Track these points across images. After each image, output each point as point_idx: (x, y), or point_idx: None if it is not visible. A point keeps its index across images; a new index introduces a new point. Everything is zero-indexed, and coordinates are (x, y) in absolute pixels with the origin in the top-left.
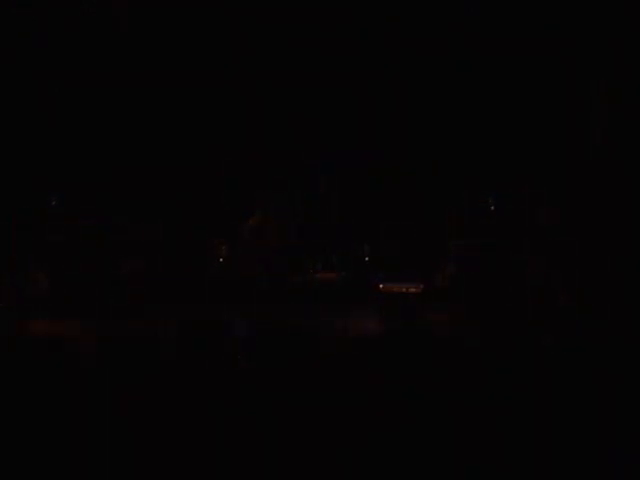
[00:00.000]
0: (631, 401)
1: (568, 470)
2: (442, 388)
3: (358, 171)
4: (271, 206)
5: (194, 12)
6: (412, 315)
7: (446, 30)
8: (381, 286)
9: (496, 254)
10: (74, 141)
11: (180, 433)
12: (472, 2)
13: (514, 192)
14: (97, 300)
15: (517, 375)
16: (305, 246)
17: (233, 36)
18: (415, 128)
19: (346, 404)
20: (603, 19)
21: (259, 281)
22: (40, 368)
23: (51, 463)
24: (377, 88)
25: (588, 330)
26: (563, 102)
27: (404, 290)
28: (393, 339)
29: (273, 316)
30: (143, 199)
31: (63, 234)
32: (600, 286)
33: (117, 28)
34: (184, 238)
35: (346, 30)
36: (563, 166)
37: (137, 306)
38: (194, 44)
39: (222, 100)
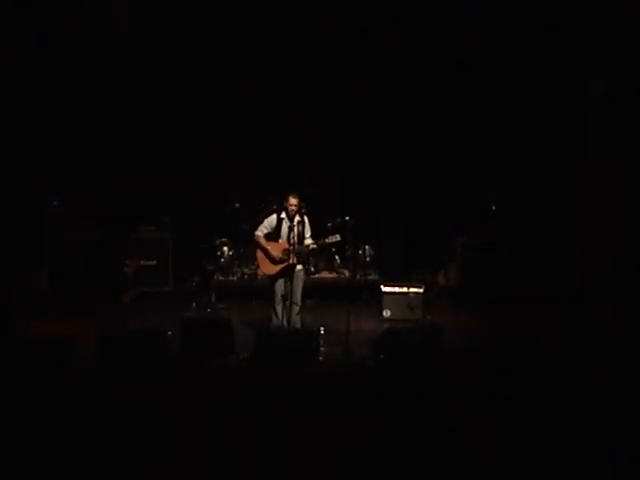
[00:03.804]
0: (631, 401)
1: (568, 470)
2: (442, 388)
3: (359, 170)
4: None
5: (194, 12)
6: (413, 315)
7: (446, 30)
8: (382, 287)
9: (498, 253)
10: (74, 142)
11: (180, 433)
12: (472, 2)
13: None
14: (97, 300)
15: (517, 375)
16: None
17: (233, 36)
18: (415, 128)
19: (346, 404)
20: (603, 19)
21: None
22: (40, 368)
23: (51, 462)
24: (378, 89)
25: (588, 330)
26: (563, 102)
27: (406, 290)
28: (393, 339)
29: None
30: (144, 199)
31: (63, 234)
32: (600, 285)
33: (117, 28)
34: (187, 239)
35: (346, 30)
36: (563, 166)
37: (137, 306)
38: (194, 44)
39: (223, 100)
